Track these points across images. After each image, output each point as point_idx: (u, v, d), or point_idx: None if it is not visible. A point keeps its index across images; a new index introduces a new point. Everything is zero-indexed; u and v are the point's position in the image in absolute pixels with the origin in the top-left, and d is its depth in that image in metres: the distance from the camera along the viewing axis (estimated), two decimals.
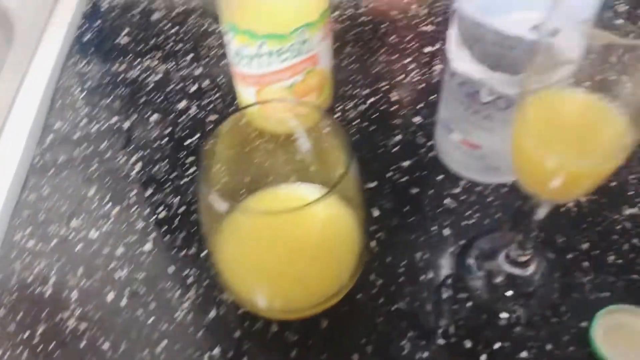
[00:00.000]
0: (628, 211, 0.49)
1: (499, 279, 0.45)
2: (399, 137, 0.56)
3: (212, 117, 0.58)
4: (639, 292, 0.44)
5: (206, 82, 0.62)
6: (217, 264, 0.40)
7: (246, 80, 0.52)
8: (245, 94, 0.53)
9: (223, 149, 0.40)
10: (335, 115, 0.58)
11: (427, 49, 0.64)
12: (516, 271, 0.45)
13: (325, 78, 0.53)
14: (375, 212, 0.50)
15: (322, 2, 0.47)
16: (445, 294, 0.45)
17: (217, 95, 0.60)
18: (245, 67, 0.50)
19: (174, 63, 0.64)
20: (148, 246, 0.49)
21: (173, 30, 0.68)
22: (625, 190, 0.51)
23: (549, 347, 0.42)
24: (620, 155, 0.32)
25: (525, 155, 0.34)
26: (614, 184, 0.51)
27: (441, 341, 0.42)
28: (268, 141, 0.45)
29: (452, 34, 0.44)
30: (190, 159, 0.55)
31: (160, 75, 0.63)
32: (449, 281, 0.46)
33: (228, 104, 0.59)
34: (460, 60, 0.43)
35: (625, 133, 0.32)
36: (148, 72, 0.63)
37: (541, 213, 0.40)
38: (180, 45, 0.66)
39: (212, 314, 0.44)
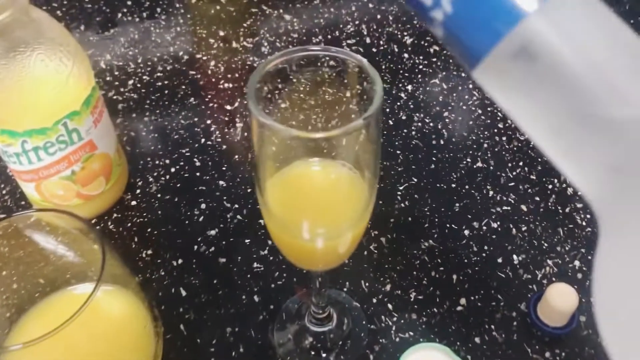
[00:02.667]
0: (425, 244, 0.51)
1: (307, 341, 0.45)
2: (204, 206, 0.55)
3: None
4: (439, 325, 0.46)
5: None
6: None
7: (21, 176, 0.48)
8: (26, 189, 0.50)
9: None
10: (137, 191, 0.56)
11: (227, 107, 0.64)
12: (320, 329, 0.45)
13: (109, 160, 0.50)
14: (183, 292, 0.49)
15: (83, 89, 0.45)
16: None
17: (7, 189, 0.56)
18: (15, 165, 0.47)
19: None
20: None
21: None
22: (421, 223, 0.53)
23: None
24: (365, 214, 0.33)
25: (280, 240, 0.34)
26: (409, 219, 0.53)
27: None
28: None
29: None
30: None
31: None
32: (261, 351, 0.45)
33: (18, 197, 0.55)
34: None
35: (361, 194, 0.33)
36: None
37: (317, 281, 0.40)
38: None
39: None
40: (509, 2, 0.14)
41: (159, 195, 0.56)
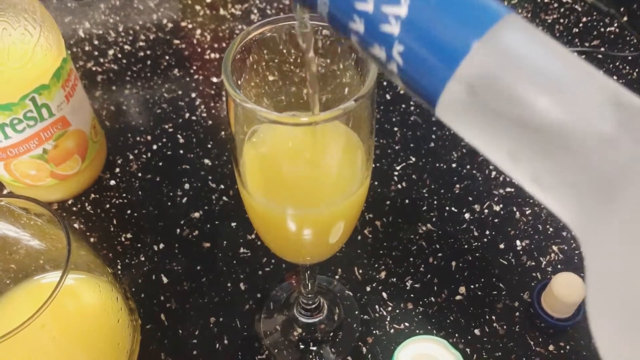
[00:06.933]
0: (423, 228, 0.48)
1: (296, 332, 0.43)
2: (187, 186, 0.51)
3: None
4: (436, 316, 0.43)
5: None
6: None
7: None
8: None
9: None
10: (116, 170, 0.52)
11: (214, 80, 0.60)
12: (310, 320, 0.42)
13: (85, 138, 0.47)
14: (165, 279, 0.46)
15: (52, 61, 0.41)
16: (243, 359, 0.41)
17: None
18: None
19: None
20: None
21: None
22: (419, 206, 0.50)
23: None
24: (361, 188, 0.30)
25: (264, 226, 0.30)
26: (406, 201, 0.50)
27: None
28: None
29: None
30: None
31: None
32: (247, 343, 0.42)
33: None
34: None
35: (356, 149, 0.29)
36: None
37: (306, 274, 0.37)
38: None
39: None
40: (448, 46, 0.16)
41: (139, 175, 0.52)
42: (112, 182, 0.52)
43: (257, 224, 0.31)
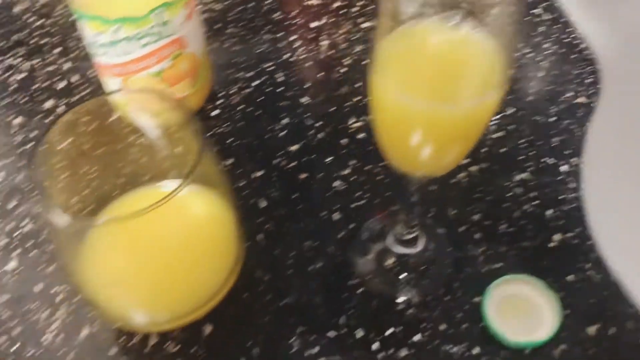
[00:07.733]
0: (518, 177, 0.48)
1: (389, 261, 0.43)
2: (286, 121, 0.53)
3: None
4: (530, 259, 0.43)
5: (76, 77, 0.57)
6: (80, 280, 0.36)
7: (108, 71, 0.47)
8: (111, 86, 0.49)
9: (75, 148, 0.37)
10: (218, 102, 0.54)
11: (314, 24, 0.61)
12: (405, 250, 0.43)
13: (197, 62, 0.49)
14: (262, 203, 0.47)
15: None
16: (335, 283, 0.43)
17: (88, 90, 0.55)
18: (104, 57, 0.46)
19: (39, 59, 0.59)
20: (12, 264, 0.44)
21: (38, 23, 0.62)
22: (515, 155, 0.50)
23: (442, 327, 0.40)
24: (494, 97, 0.30)
25: (390, 115, 0.30)
26: (503, 149, 0.50)
27: (332, 333, 0.40)
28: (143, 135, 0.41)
29: None
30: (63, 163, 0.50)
31: (24, 74, 0.57)
32: (339, 268, 0.43)
33: None
34: None
35: (497, 65, 0.29)
36: (11, 72, 0.57)
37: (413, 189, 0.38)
38: (47, 39, 0.61)
39: (85, 332, 0.40)
40: None
41: (240, 108, 0.54)
42: (215, 112, 0.54)
43: (382, 121, 0.31)
